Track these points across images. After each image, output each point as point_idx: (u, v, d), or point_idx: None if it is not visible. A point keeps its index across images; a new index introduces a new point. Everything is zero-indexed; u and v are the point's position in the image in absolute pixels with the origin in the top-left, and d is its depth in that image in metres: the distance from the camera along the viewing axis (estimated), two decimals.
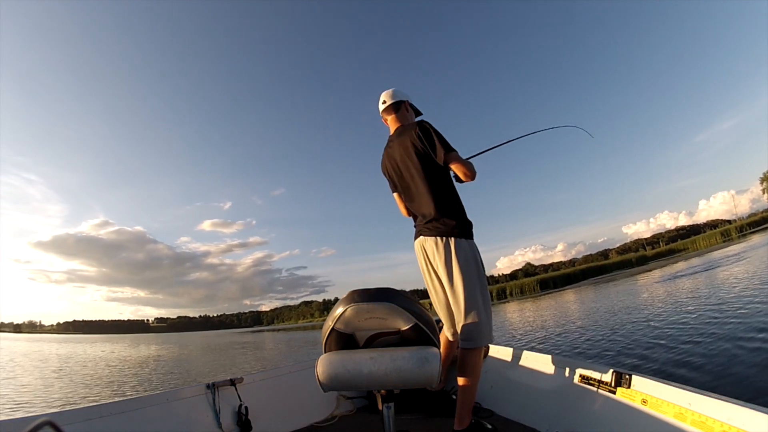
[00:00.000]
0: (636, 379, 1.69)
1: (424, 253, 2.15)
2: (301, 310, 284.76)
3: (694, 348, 5.06)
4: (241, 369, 12.15)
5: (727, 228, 67.90)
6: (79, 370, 13.69)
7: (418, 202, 2.18)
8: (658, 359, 5.01)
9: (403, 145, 2.19)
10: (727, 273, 13.69)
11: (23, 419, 1.66)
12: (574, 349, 6.88)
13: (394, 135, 2.32)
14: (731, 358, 4.33)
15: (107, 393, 8.38)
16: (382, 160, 2.40)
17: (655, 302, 10.81)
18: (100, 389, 8.91)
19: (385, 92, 2.38)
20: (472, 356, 2.00)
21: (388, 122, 2.40)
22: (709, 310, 7.41)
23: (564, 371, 2.08)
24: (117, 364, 15.76)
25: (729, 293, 8.91)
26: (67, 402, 7.49)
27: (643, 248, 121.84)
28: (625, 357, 5.54)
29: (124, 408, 1.87)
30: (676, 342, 5.61)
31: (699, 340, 5.40)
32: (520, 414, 2.21)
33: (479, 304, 2.00)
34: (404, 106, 2.37)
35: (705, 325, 6.23)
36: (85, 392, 8.54)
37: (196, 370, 12.97)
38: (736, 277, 11.64)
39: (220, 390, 2.23)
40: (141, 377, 11.20)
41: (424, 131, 2.11)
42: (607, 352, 6.02)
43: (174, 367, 13.97)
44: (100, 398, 7.74)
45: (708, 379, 3.87)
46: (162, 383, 9.71)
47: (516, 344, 8.51)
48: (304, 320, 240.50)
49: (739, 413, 1.27)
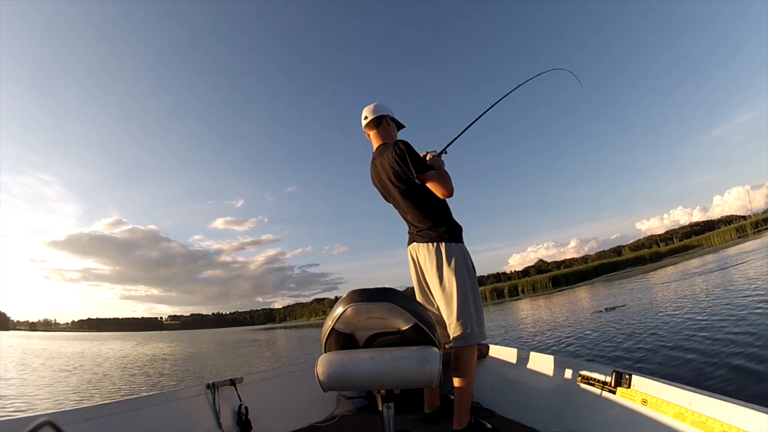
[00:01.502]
0: (636, 379, 1.68)
1: (416, 259, 2.25)
2: (313, 307, 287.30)
3: (695, 348, 4.99)
4: (254, 367, 12.19)
5: (742, 224, 66.93)
6: (91, 368, 13.85)
7: (406, 215, 2.30)
8: (658, 359, 4.96)
9: (383, 167, 2.25)
10: (739, 271, 13.43)
11: (23, 419, 1.70)
12: (577, 348, 6.85)
13: (377, 153, 2.35)
14: (731, 358, 4.26)
15: (112, 392, 8.41)
16: (370, 174, 2.44)
17: (664, 301, 10.65)
18: (104, 389, 8.95)
19: (366, 107, 2.39)
20: (465, 355, 2.04)
21: (371, 137, 2.42)
22: (717, 310, 7.27)
23: (564, 371, 2.07)
24: (126, 363, 15.85)
25: (738, 293, 8.72)
26: (65, 401, 7.53)
27: (657, 245, 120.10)
28: (627, 356, 5.49)
29: (124, 408, 1.89)
30: (679, 342, 5.52)
31: (700, 340, 5.32)
32: (520, 414, 2.21)
33: (470, 303, 2.09)
34: (385, 120, 2.38)
35: (710, 325, 6.12)
36: (91, 392, 8.58)
37: (209, 367, 13.08)
38: (747, 276, 11.42)
39: (220, 390, 2.24)
40: (149, 375, 11.31)
41: (399, 154, 2.14)
42: (609, 352, 5.96)
43: (185, 365, 14.08)
44: (107, 397, 7.80)
45: (708, 379, 3.82)
46: (171, 382, 9.81)
47: (517, 343, 8.51)
48: (316, 317, 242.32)
49: (739, 413, 1.26)
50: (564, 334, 8.69)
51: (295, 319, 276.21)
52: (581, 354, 6.24)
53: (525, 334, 10.36)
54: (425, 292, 2.26)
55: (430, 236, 2.16)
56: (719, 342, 5.04)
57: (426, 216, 2.19)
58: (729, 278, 12.13)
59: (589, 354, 6.11)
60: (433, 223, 2.18)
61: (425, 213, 2.20)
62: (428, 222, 2.18)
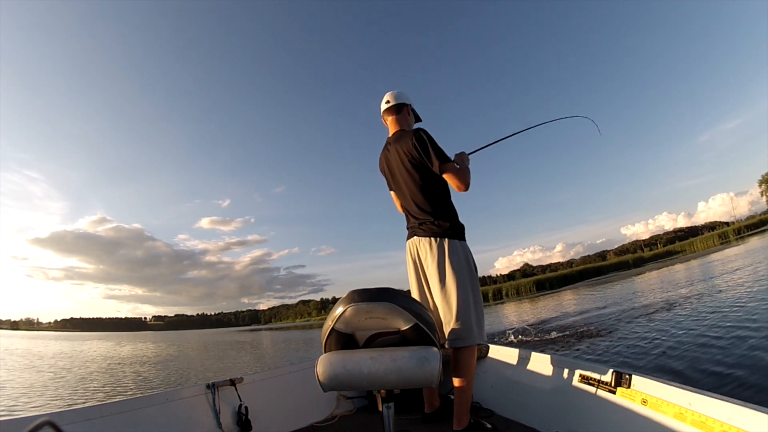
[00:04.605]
0: (636, 379, 1.69)
1: (415, 253, 2.20)
2: (299, 309, 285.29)
3: (693, 348, 5.06)
4: (238, 370, 11.99)
5: (725, 230, 68.41)
6: (74, 369, 13.48)
7: (412, 205, 2.25)
8: (649, 359, 5.05)
9: (400, 152, 2.24)
10: (723, 274, 13.71)
11: (23, 419, 1.66)
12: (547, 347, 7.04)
13: (392, 138, 2.36)
14: (731, 358, 4.33)
15: (94, 393, 8.18)
16: (379, 160, 2.47)
17: (646, 303, 10.85)
18: (84, 390, 8.68)
19: (389, 93, 2.42)
20: (465, 355, 2.02)
21: (388, 123, 2.43)
22: (704, 311, 7.45)
23: (564, 371, 2.08)
24: (108, 365, 15.27)
25: (725, 295, 8.93)
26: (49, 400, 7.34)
27: (641, 250, 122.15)
28: (612, 358, 5.60)
29: (124, 408, 1.87)
30: (671, 342, 5.63)
31: (699, 341, 5.41)
32: (520, 414, 2.22)
33: (470, 303, 2.07)
34: (406, 109, 2.42)
35: (702, 326, 6.25)
36: (71, 394, 8.28)
37: (193, 370, 12.79)
38: (733, 279, 11.67)
39: (220, 390, 2.23)
40: (131, 377, 10.96)
41: (420, 141, 2.16)
42: (593, 354, 6.08)
43: (167, 367, 13.74)
44: (94, 399, 7.61)
45: (708, 379, 3.87)
46: (157, 384, 9.55)
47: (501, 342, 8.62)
48: (301, 319, 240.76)
49: (739, 413, 1.27)
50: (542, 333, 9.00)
51: (281, 321, 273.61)
52: (572, 355, 6.30)
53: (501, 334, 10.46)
54: (423, 290, 2.20)
55: (433, 230, 2.12)
56: (713, 341, 5.16)
57: (433, 208, 2.17)
58: (709, 283, 12.36)
59: (582, 357, 6.18)
60: (439, 217, 2.15)
61: (433, 205, 2.18)
62: (433, 215, 2.15)
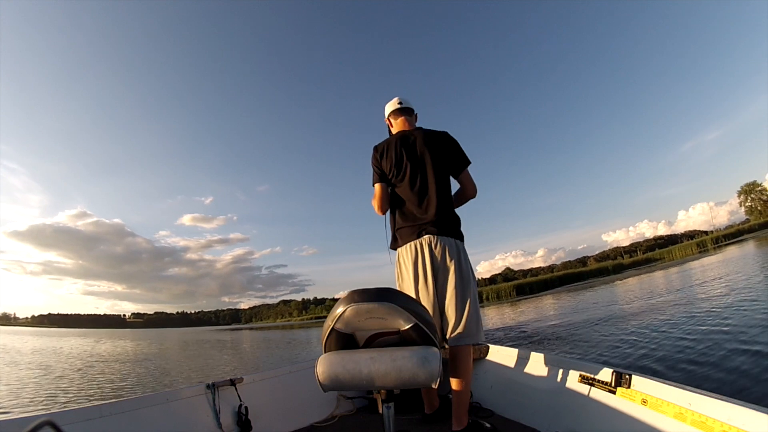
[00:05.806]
0: (636, 379, 1.70)
1: (426, 252, 2.10)
2: (280, 309, 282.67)
3: (691, 349, 5.11)
4: (220, 370, 11.62)
5: (704, 239, 70.03)
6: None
7: (432, 202, 2.16)
8: (637, 359, 5.13)
9: (430, 143, 2.26)
10: (702, 283, 14.03)
11: (23, 419, 1.64)
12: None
13: (415, 130, 2.35)
14: (730, 358, 4.38)
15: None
16: (381, 149, 2.31)
17: (624, 308, 11.16)
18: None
19: (398, 97, 2.51)
20: (464, 354, 2.04)
21: (397, 122, 2.44)
22: (690, 313, 7.68)
23: (564, 371, 2.10)
24: (83, 364, 14.51)
25: (707, 301, 9.14)
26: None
27: (621, 256, 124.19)
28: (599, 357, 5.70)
29: (124, 408, 1.85)
30: (651, 344, 5.74)
31: (696, 342, 5.46)
32: (520, 414, 2.23)
33: (475, 303, 2.11)
34: (414, 114, 2.52)
35: (696, 327, 6.37)
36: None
37: (173, 371, 12.30)
38: (712, 286, 11.96)
39: (220, 390, 2.22)
40: (106, 378, 10.41)
41: (454, 142, 2.32)
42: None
43: (143, 367, 13.17)
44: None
45: (708, 379, 3.93)
46: (132, 386, 9.05)
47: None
48: (282, 319, 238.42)
49: (739, 413, 1.29)
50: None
51: (261, 321, 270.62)
52: (572, 355, 6.39)
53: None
54: (426, 290, 2.09)
55: (454, 232, 2.18)
56: (712, 342, 5.23)
57: (451, 209, 2.24)
58: (685, 291, 12.59)
59: (581, 357, 6.25)
60: (455, 218, 2.23)
61: (451, 207, 2.25)
62: (452, 216, 2.22)
